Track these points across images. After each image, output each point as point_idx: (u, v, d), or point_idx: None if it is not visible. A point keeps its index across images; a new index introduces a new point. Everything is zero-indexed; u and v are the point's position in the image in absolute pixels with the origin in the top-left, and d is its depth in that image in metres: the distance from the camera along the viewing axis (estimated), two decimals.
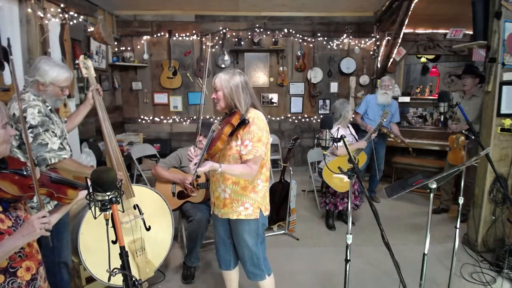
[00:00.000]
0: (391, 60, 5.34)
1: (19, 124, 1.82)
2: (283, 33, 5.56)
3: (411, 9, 4.41)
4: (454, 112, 3.63)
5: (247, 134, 1.82)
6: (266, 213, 2.01)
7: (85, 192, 1.46)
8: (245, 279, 2.08)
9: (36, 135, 1.84)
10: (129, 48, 5.45)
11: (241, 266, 2.09)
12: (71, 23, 3.82)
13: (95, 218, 1.12)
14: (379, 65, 5.60)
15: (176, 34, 5.44)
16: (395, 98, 4.92)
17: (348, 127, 3.69)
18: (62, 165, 1.92)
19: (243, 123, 1.81)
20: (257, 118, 1.85)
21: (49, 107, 2.00)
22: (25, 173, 1.30)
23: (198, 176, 1.74)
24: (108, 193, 1.11)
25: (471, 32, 3.50)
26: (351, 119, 3.75)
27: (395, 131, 4.28)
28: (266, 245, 2.08)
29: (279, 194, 3.56)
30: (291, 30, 5.58)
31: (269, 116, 5.74)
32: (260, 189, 1.94)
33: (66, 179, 1.48)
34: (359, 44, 5.66)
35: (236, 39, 5.45)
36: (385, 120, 3.51)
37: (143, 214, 2.34)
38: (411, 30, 5.44)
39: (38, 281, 1.36)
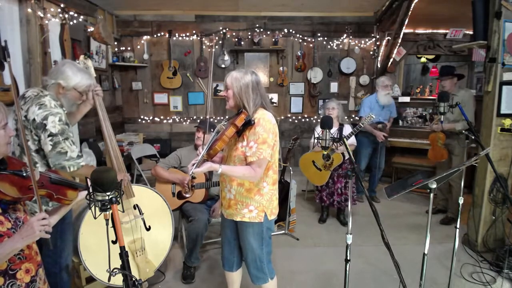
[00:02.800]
0: (391, 60, 5.34)
1: (38, 130, 1.82)
2: (283, 33, 5.56)
3: (411, 9, 4.40)
4: (451, 111, 3.61)
5: (252, 135, 1.79)
6: (272, 217, 1.98)
7: (85, 192, 1.46)
8: (249, 280, 2.07)
9: (56, 143, 1.83)
10: (129, 48, 5.44)
11: (245, 267, 2.08)
12: (71, 23, 3.83)
13: (95, 218, 1.12)
14: (379, 65, 5.60)
15: (176, 34, 5.43)
16: (395, 98, 4.94)
17: (342, 127, 3.66)
18: (80, 172, 1.91)
19: (249, 123, 1.77)
20: (263, 119, 1.80)
21: (65, 111, 2.00)
22: (24, 174, 1.29)
23: (193, 177, 1.72)
24: (108, 193, 1.11)
25: (471, 32, 3.50)
26: (344, 118, 3.76)
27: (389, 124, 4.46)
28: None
29: (279, 194, 3.55)
30: (291, 30, 5.57)
31: None
32: (265, 192, 1.92)
33: (65, 180, 1.47)
34: (359, 44, 5.65)
35: (236, 39, 5.45)
36: (363, 125, 3.46)
37: (143, 214, 2.34)
38: (411, 30, 5.44)
39: (37, 283, 1.36)
